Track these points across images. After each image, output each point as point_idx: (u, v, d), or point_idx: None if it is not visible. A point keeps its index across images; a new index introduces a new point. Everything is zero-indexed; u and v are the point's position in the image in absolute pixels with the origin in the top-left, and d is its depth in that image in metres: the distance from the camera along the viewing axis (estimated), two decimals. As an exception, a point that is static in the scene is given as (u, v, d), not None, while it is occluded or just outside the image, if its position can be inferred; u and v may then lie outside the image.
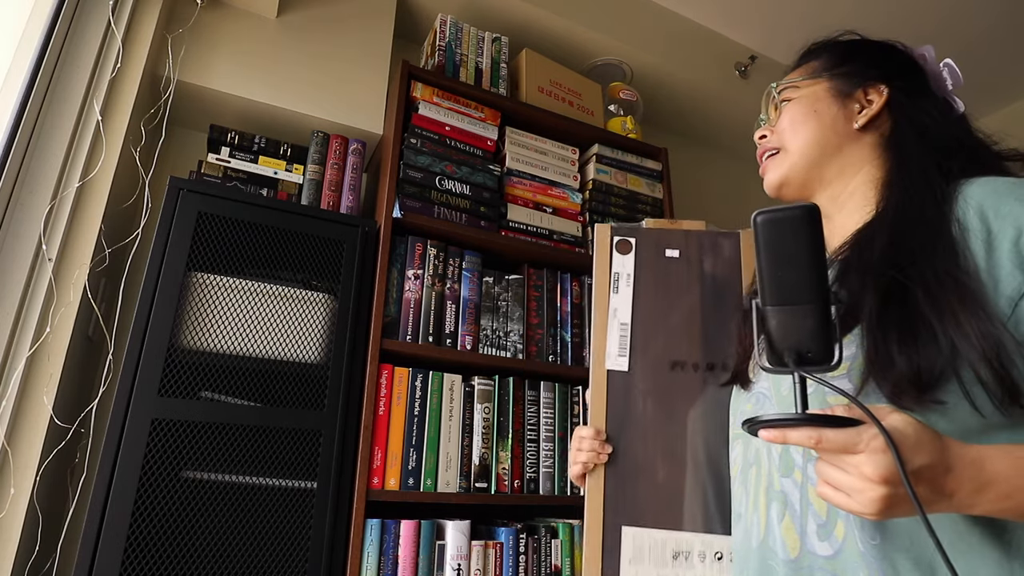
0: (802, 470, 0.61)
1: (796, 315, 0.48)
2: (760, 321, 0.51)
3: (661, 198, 1.68)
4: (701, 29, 2.05)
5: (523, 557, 1.21)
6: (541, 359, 1.38)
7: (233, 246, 1.13)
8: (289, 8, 1.50)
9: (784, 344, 0.49)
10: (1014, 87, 2.34)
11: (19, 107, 1.06)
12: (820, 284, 0.48)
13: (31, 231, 1.05)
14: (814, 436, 0.46)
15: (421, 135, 1.38)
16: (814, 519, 0.58)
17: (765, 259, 0.49)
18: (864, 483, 0.46)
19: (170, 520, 0.96)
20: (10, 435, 0.97)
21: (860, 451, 0.46)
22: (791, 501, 0.61)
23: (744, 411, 0.72)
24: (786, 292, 0.48)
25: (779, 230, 0.48)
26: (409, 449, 1.17)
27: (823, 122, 0.72)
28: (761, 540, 0.64)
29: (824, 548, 0.57)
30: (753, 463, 0.68)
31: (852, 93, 0.72)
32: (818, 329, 0.48)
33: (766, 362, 0.52)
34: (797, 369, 0.49)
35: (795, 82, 0.77)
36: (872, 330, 0.55)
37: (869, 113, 0.71)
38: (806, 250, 0.48)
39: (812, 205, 0.48)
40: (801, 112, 0.74)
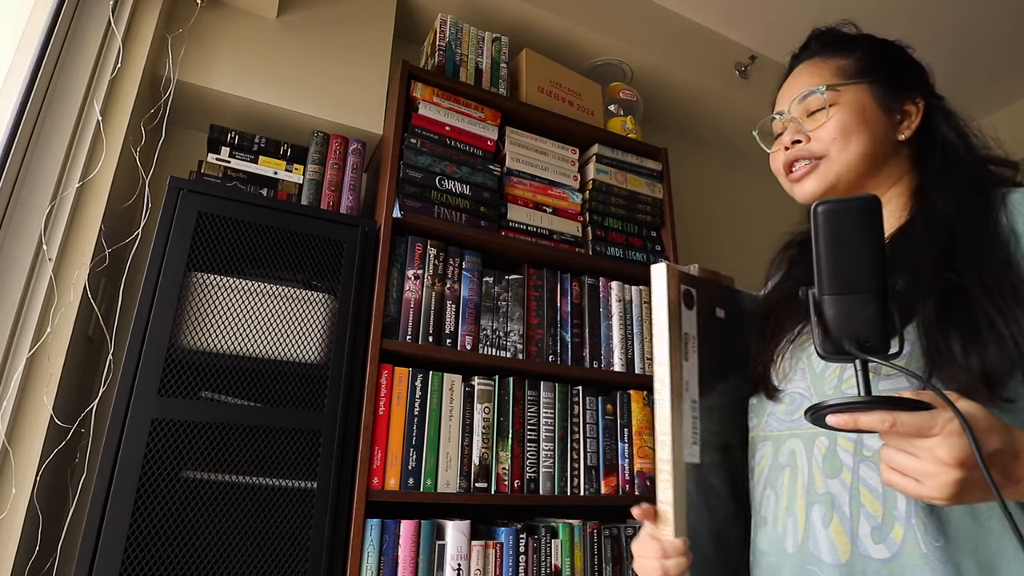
0: (851, 471, 0.59)
1: (856, 304, 0.49)
2: (817, 310, 0.51)
3: (661, 198, 1.68)
4: (701, 29, 2.05)
5: (523, 557, 1.21)
6: (541, 359, 1.38)
7: (233, 246, 1.13)
8: (289, 8, 1.50)
9: (843, 332, 0.50)
10: (1004, 91, 2.34)
11: (19, 107, 1.06)
12: (880, 273, 0.48)
13: (31, 231, 1.05)
14: (888, 419, 0.46)
15: (421, 135, 1.38)
16: (867, 521, 0.57)
17: (825, 248, 0.49)
18: (938, 467, 0.45)
19: (170, 520, 0.96)
20: (10, 435, 0.97)
21: (935, 434, 0.45)
22: (839, 503, 0.59)
23: (777, 412, 0.69)
24: (846, 281, 0.49)
25: (841, 220, 0.49)
26: (409, 449, 1.17)
27: (874, 133, 0.69)
28: (800, 544, 0.62)
29: (880, 551, 0.56)
30: (786, 465, 0.66)
31: (893, 103, 0.71)
32: (877, 317, 0.48)
33: (822, 350, 0.51)
34: (860, 355, 0.49)
35: (836, 85, 0.72)
36: (932, 329, 0.56)
37: (912, 125, 0.70)
38: (867, 239, 0.48)
39: (873, 196, 0.49)
40: (854, 120, 0.70)
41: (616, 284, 1.52)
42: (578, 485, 1.32)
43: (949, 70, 2.22)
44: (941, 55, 2.13)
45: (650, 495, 1.39)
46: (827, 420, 0.49)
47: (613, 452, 1.39)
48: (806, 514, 0.62)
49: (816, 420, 0.50)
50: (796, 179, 0.74)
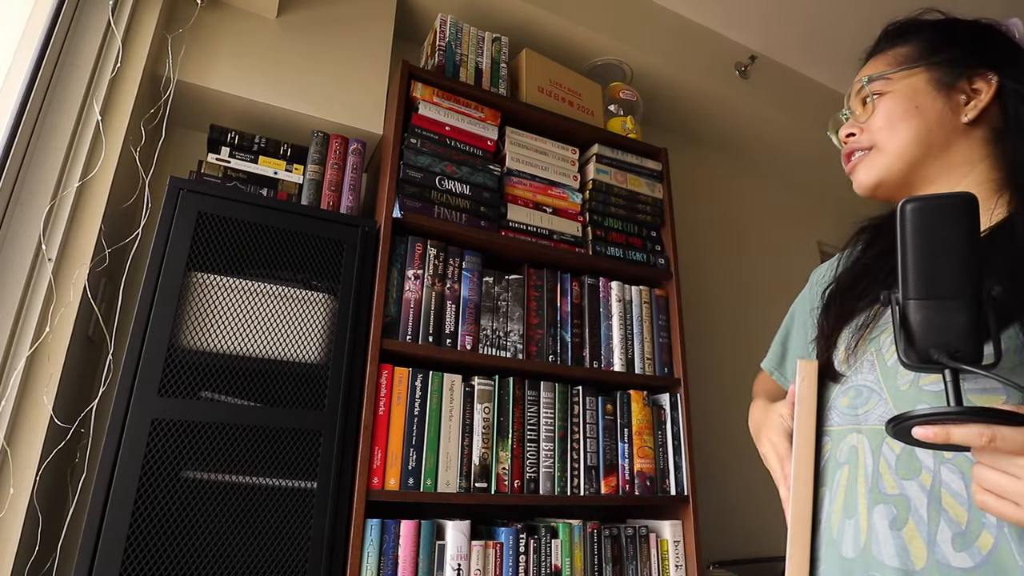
0: (932, 473, 0.55)
1: (945, 310, 0.45)
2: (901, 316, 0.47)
3: (661, 198, 1.68)
4: (701, 29, 2.05)
5: (523, 557, 1.21)
6: (541, 359, 1.38)
7: (233, 246, 1.13)
8: (289, 8, 1.50)
9: (929, 341, 0.46)
10: None
11: (19, 107, 1.06)
12: (975, 277, 0.44)
13: (31, 231, 1.05)
14: (987, 433, 0.41)
15: (421, 135, 1.38)
16: (949, 527, 0.53)
17: (914, 249, 0.45)
18: None
19: (170, 520, 0.96)
20: (10, 435, 0.97)
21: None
22: (915, 506, 0.55)
23: (838, 405, 0.65)
24: (936, 284, 0.45)
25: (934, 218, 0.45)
26: (409, 449, 1.17)
27: (927, 118, 0.65)
28: (862, 549, 0.58)
29: (961, 559, 0.51)
30: (845, 463, 0.62)
31: (956, 84, 0.65)
32: (969, 325, 0.44)
33: (906, 359, 0.47)
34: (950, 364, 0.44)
35: (887, 74, 0.68)
36: None
37: (979, 105, 0.64)
38: (963, 240, 0.44)
39: (970, 193, 0.45)
40: (900, 107, 0.66)
41: (616, 284, 1.52)
42: (578, 485, 1.33)
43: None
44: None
45: (650, 495, 1.39)
46: (914, 432, 0.44)
47: (613, 452, 1.39)
48: (868, 515, 0.58)
49: (899, 433, 0.46)
50: (850, 171, 0.71)
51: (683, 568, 1.39)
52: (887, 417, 0.58)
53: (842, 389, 0.65)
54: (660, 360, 1.52)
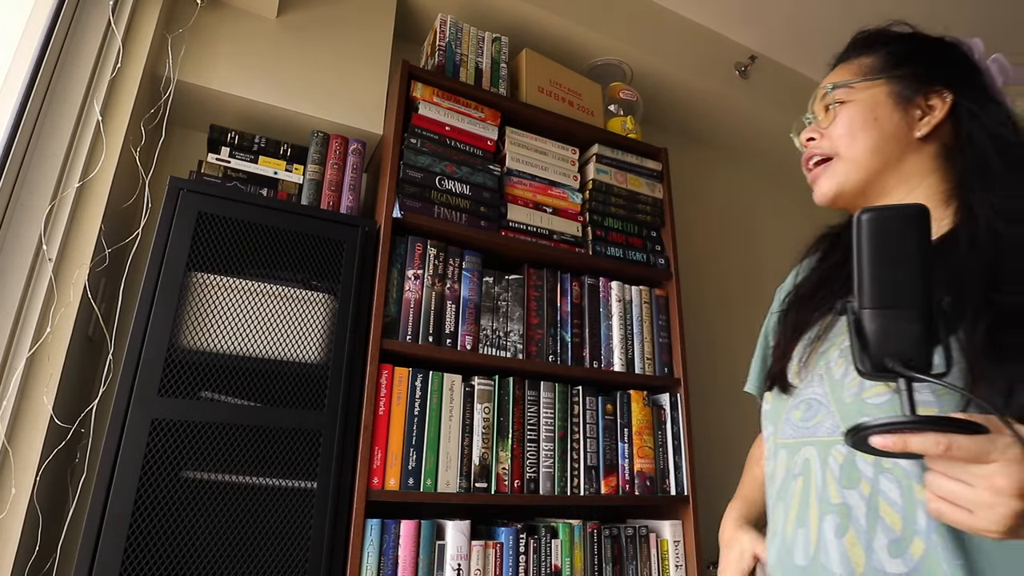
0: (871, 482, 0.56)
1: (899, 319, 0.46)
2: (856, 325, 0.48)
3: (661, 198, 1.68)
4: (701, 29, 2.05)
5: (523, 557, 1.21)
6: (541, 359, 1.38)
7: (233, 246, 1.13)
8: (289, 8, 1.50)
9: (884, 350, 0.46)
10: None
11: (19, 107, 1.06)
12: (927, 287, 0.45)
13: (31, 231, 1.05)
14: (943, 442, 0.42)
15: (421, 135, 1.38)
16: (884, 534, 0.54)
17: (869, 259, 0.46)
18: (996, 497, 0.41)
19: (170, 520, 0.96)
20: (10, 435, 0.97)
21: (993, 460, 0.41)
22: (855, 515, 0.57)
23: (792, 419, 0.67)
24: (890, 294, 0.46)
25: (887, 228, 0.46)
26: (409, 449, 1.17)
27: (884, 130, 0.67)
28: (811, 557, 0.59)
29: (895, 565, 0.53)
30: (800, 474, 0.63)
31: (913, 98, 0.67)
32: (923, 335, 0.45)
33: (862, 367, 0.48)
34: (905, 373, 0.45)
35: (850, 83, 0.71)
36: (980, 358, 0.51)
37: (932, 122, 0.66)
38: (916, 251, 0.45)
39: (923, 205, 0.46)
40: (860, 117, 0.68)
41: (616, 284, 1.52)
42: (578, 485, 1.33)
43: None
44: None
45: (650, 495, 1.39)
46: (872, 441, 0.45)
47: (613, 452, 1.39)
48: (819, 524, 0.59)
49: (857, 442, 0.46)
50: (812, 179, 0.73)
51: (683, 568, 1.39)
52: (835, 430, 0.60)
53: (794, 402, 0.67)
54: (660, 360, 1.52)
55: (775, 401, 0.71)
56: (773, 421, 0.71)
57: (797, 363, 0.68)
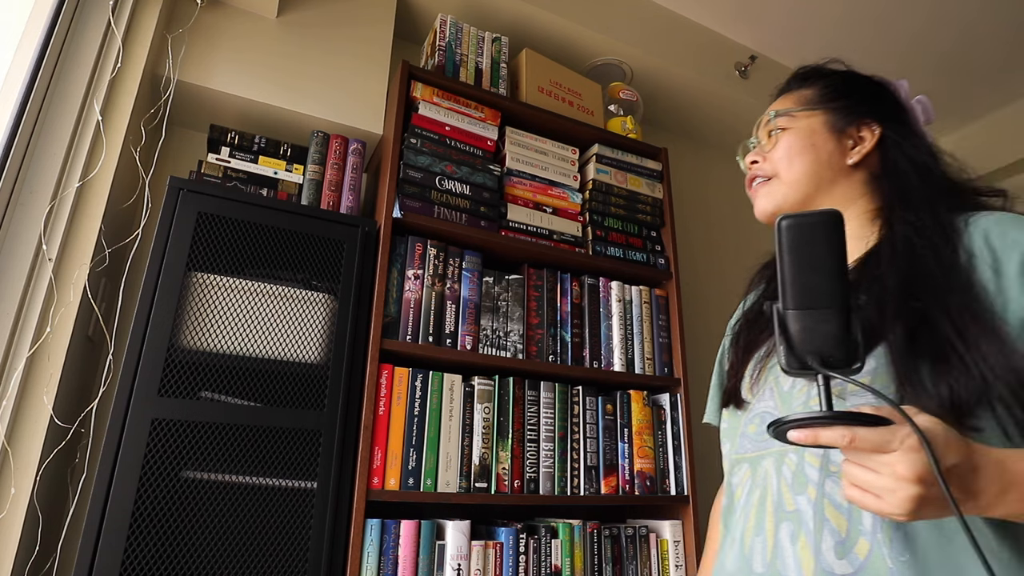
0: (817, 486, 0.59)
1: (819, 319, 0.49)
2: (781, 325, 0.51)
3: (661, 198, 1.68)
4: (701, 29, 2.05)
5: (523, 557, 1.21)
6: (541, 359, 1.38)
7: (233, 246, 1.13)
8: (289, 8, 1.50)
9: (806, 347, 0.49)
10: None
11: (19, 107, 1.06)
12: (843, 288, 0.48)
13: (31, 231, 1.05)
14: (848, 435, 0.46)
15: (421, 135, 1.38)
16: (831, 535, 0.57)
17: (789, 262, 0.49)
18: (897, 482, 0.45)
19: (170, 520, 0.96)
20: (10, 435, 0.97)
21: (893, 449, 0.45)
22: (805, 519, 0.59)
23: (748, 433, 0.70)
24: (809, 296, 0.49)
25: (805, 234, 0.49)
26: (409, 449, 1.17)
27: (819, 156, 0.74)
28: (768, 563, 0.62)
29: (842, 566, 0.55)
30: (759, 486, 0.66)
31: (846, 129, 0.74)
32: (841, 333, 0.48)
33: (786, 365, 0.51)
34: (822, 370, 0.49)
35: (791, 111, 0.78)
36: (901, 357, 0.56)
37: (863, 150, 0.73)
38: (831, 254, 0.48)
39: (837, 211, 0.49)
40: (798, 143, 0.75)
41: (616, 284, 1.52)
42: (578, 485, 1.33)
43: (955, 66, 2.22)
44: (943, 52, 2.13)
45: (650, 495, 1.39)
46: (789, 435, 0.49)
47: (613, 452, 1.39)
48: (775, 532, 0.62)
49: (778, 435, 0.50)
50: (753, 197, 0.79)
51: (683, 568, 1.39)
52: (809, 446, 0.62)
53: (749, 417, 0.71)
54: (660, 360, 1.52)
55: (731, 419, 0.76)
56: (730, 438, 0.75)
57: (749, 379, 0.73)
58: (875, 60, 2.14)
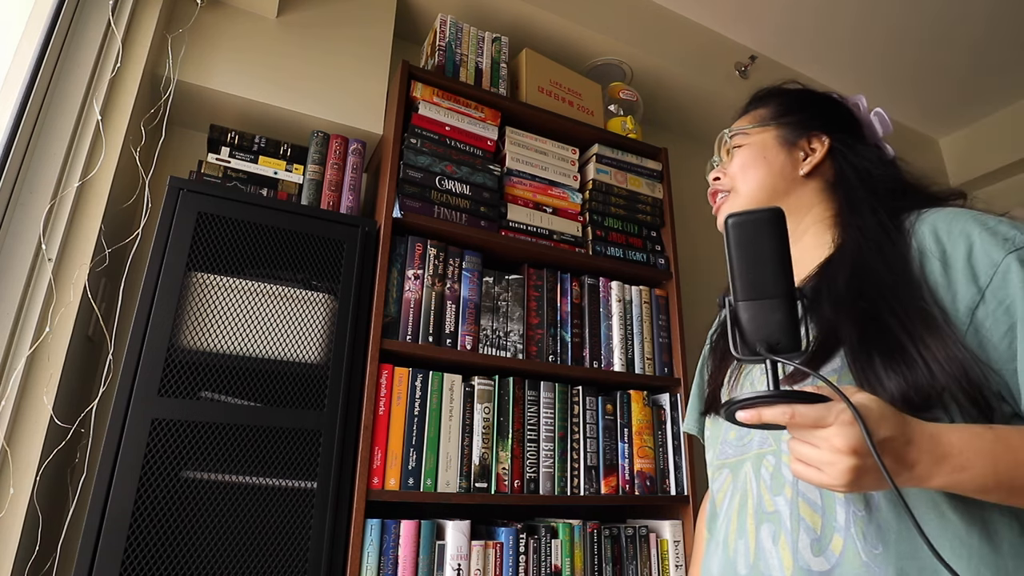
0: (792, 486, 0.61)
1: (766, 308, 0.52)
2: (733, 316, 0.54)
3: (661, 198, 1.68)
4: (701, 29, 2.05)
5: (523, 557, 1.21)
6: (541, 359, 1.38)
7: (233, 246, 1.13)
8: (289, 8, 1.50)
9: (756, 336, 0.52)
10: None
11: (19, 107, 1.06)
12: (787, 279, 0.52)
13: (31, 231, 1.05)
14: (788, 411, 0.49)
15: (421, 135, 1.38)
16: (807, 534, 0.59)
17: (737, 257, 0.53)
18: (834, 455, 0.48)
19: (170, 520, 0.96)
20: (10, 435, 0.97)
21: (829, 424, 0.48)
22: (783, 518, 0.61)
23: (728, 439, 0.73)
24: (756, 287, 0.52)
25: (749, 230, 0.52)
26: (409, 449, 1.17)
27: (772, 168, 0.78)
28: (751, 565, 0.64)
29: (819, 563, 0.57)
30: (740, 489, 0.68)
31: (797, 142, 0.78)
32: (786, 320, 0.51)
33: (738, 352, 0.54)
34: (768, 356, 0.52)
35: (745, 129, 0.82)
36: (857, 355, 0.59)
37: (813, 161, 0.77)
38: (774, 248, 0.52)
39: (778, 208, 0.52)
40: (751, 157, 0.79)
41: (616, 284, 1.52)
42: (578, 485, 1.33)
43: (943, 71, 2.22)
44: (934, 52, 2.13)
45: (650, 495, 1.39)
46: (737, 416, 0.52)
47: (613, 452, 1.39)
48: (756, 534, 0.64)
49: (729, 416, 0.53)
50: (715, 211, 0.83)
51: (683, 568, 1.39)
52: (764, 442, 0.67)
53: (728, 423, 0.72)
54: (660, 360, 1.52)
55: (713, 427, 0.78)
56: (712, 445, 0.77)
57: (727, 386, 0.75)
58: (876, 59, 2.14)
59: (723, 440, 0.74)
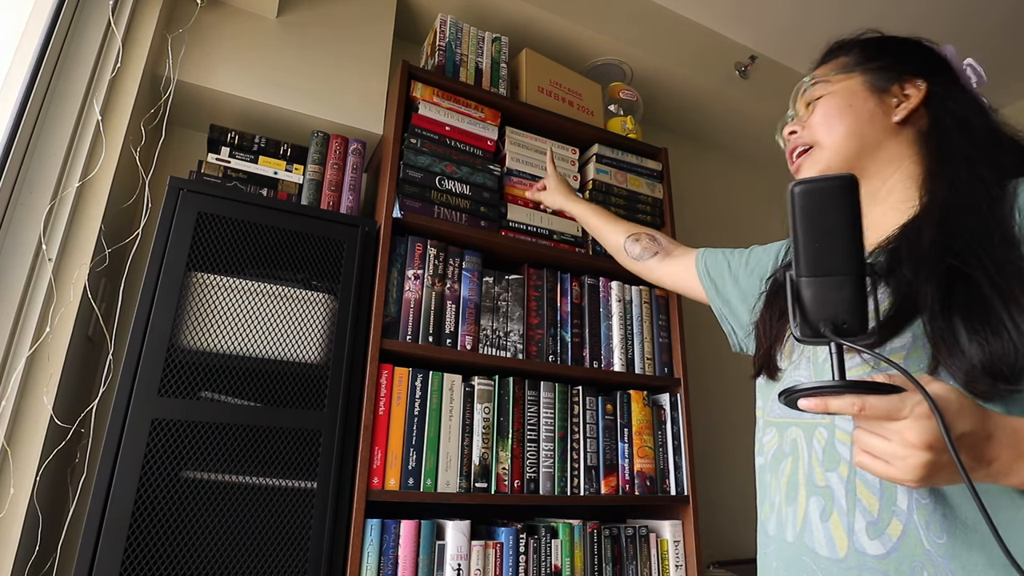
0: (848, 464, 0.59)
1: (832, 286, 0.48)
2: (794, 293, 0.50)
3: (661, 198, 1.68)
4: (701, 29, 2.05)
5: (523, 557, 1.21)
6: (541, 359, 1.38)
7: (233, 246, 1.13)
8: (289, 8, 1.50)
9: (820, 315, 0.49)
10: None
11: (19, 107, 1.06)
12: (858, 254, 0.48)
13: (31, 231, 1.05)
14: (857, 403, 0.46)
15: (421, 135, 1.38)
16: (863, 516, 0.56)
17: (802, 229, 0.48)
18: (907, 449, 0.45)
19: (170, 520, 0.96)
20: (10, 435, 0.97)
21: (903, 417, 0.45)
22: (837, 497, 0.59)
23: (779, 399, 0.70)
24: (823, 262, 0.48)
25: (818, 200, 0.48)
26: (409, 449, 1.17)
27: (860, 116, 0.70)
28: (797, 535, 0.62)
29: (875, 547, 0.55)
30: (789, 453, 0.66)
31: (888, 87, 0.71)
32: (855, 299, 0.48)
33: (799, 333, 0.51)
34: (834, 339, 0.48)
35: (827, 77, 0.74)
36: (936, 318, 0.54)
37: (909, 107, 0.69)
38: (845, 220, 0.47)
39: (851, 175, 0.48)
40: (836, 106, 0.72)
41: (616, 284, 1.52)
42: (578, 485, 1.32)
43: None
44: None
45: (650, 495, 1.39)
46: (799, 404, 0.49)
47: (613, 452, 1.39)
48: (805, 505, 0.62)
49: (790, 403, 0.50)
50: (796, 169, 0.76)
51: (683, 568, 1.39)
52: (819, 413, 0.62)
53: (782, 384, 0.70)
54: (660, 360, 1.52)
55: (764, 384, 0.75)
56: (764, 396, 0.74)
57: (789, 347, 0.71)
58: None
59: (774, 399, 0.71)
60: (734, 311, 0.91)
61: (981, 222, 0.57)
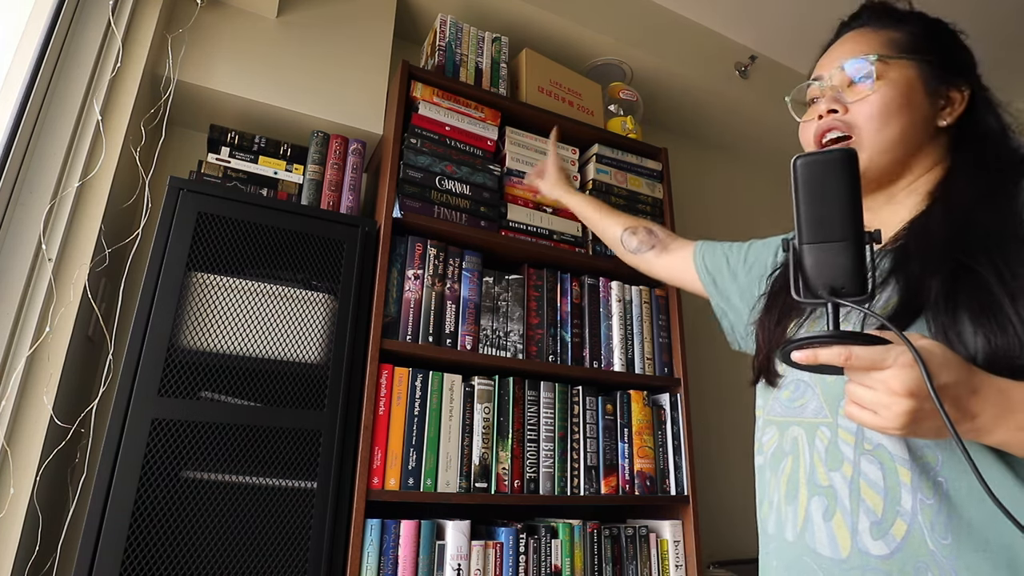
0: (852, 464, 0.58)
1: (832, 251, 0.50)
2: (796, 260, 0.53)
3: (661, 198, 1.68)
4: (701, 29, 2.05)
5: (523, 557, 1.21)
6: (541, 359, 1.38)
7: (233, 246, 1.13)
8: (289, 8, 1.50)
9: (819, 280, 0.51)
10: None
11: (19, 107, 1.06)
12: (856, 221, 0.50)
13: (31, 231, 1.05)
14: (844, 352, 0.47)
15: (421, 135, 1.38)
16: (867, 516, 0.56)
17: (804, 199, 0.51)
18: (891, 398, 0.46)
19: (170, 520, 0.96)
20: (10, 435, 0.97)
21: (888, 366, 0.46)
22: (840, 497, 0.59)
23: (780, 398, 0.69)
24: (823, 230, 0.50)
25: (819, 171, 0.51)
26: (409, 449, 1.17)
27: (915, 118, 0.64)
28: (798, 535, 0.62)
29: (878, 547, 0.55)
30: (790, 452, 0.65)
31: (940, 87, 0.65)
32: (852, 264, 0.50)
33: (799, 296, 0.52)
34: (830, 298, 0.50)
35: (886, 57, 0.65)
36: (940, 312, 0.54)
37: (956, 113, 0.65)
38: (845, 189, 0.50)
39: (851, 149, 0.50)
40: (895, 101, 0.64)
41: (616, 284, 1.52)
42: (578, 485, 1.33)
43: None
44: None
45: (650, 495, 1.39)
46: (792, 356, 0.50)
47: (613, 452, 1.39)
48: (807, 505, 0.62)
49: (785, 358, 0.52)
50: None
51: (683, 568, 1.39)
52: (820, 411, 0.63)
53: (784, 382, 0.69)
54: (660, 360, 1.52)
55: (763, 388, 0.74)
56: (764, 396, 0.73)
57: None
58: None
59: (775, 397, 0.70)
60: (733, 307, 0.91)
61: (994, 220, 0.57)
